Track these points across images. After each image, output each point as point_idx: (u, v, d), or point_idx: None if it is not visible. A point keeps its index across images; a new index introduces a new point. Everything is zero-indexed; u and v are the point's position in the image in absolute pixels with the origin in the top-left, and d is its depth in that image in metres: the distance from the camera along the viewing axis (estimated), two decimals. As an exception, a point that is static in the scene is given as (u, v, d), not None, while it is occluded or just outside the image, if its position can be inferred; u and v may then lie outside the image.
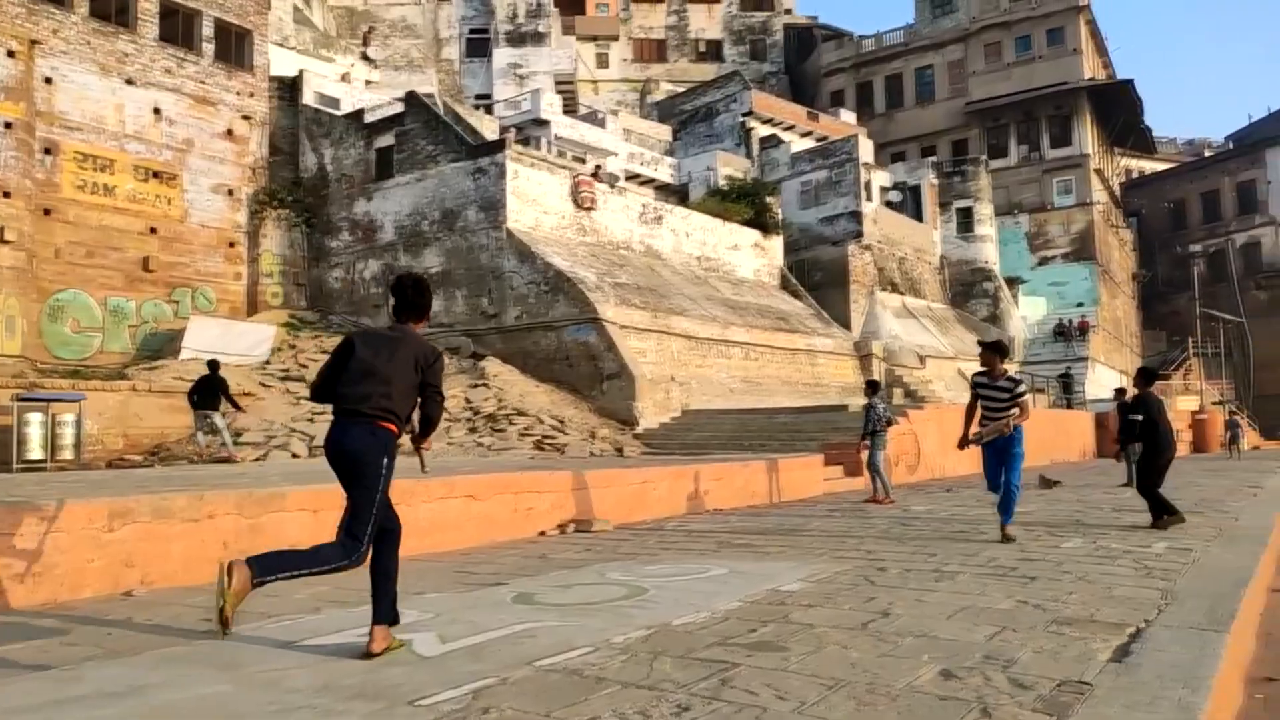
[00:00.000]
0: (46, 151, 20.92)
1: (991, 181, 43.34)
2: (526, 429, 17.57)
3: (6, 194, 19.65)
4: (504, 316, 22.11)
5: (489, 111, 32.67)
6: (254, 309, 24.54)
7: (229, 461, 14.05)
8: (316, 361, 19.99)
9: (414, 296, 4.23)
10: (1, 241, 19.45)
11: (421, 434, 4.22)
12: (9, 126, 19.87)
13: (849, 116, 44.94)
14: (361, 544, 3.89)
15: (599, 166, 29.02)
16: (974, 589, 5.42)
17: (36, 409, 15.19)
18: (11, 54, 20.14)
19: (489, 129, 26.79)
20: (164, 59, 23.39)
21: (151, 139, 22.98)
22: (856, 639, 4.15)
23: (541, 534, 8.59)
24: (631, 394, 19.62)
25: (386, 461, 3.96)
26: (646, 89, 48.04)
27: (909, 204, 39.72)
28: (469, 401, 18.46)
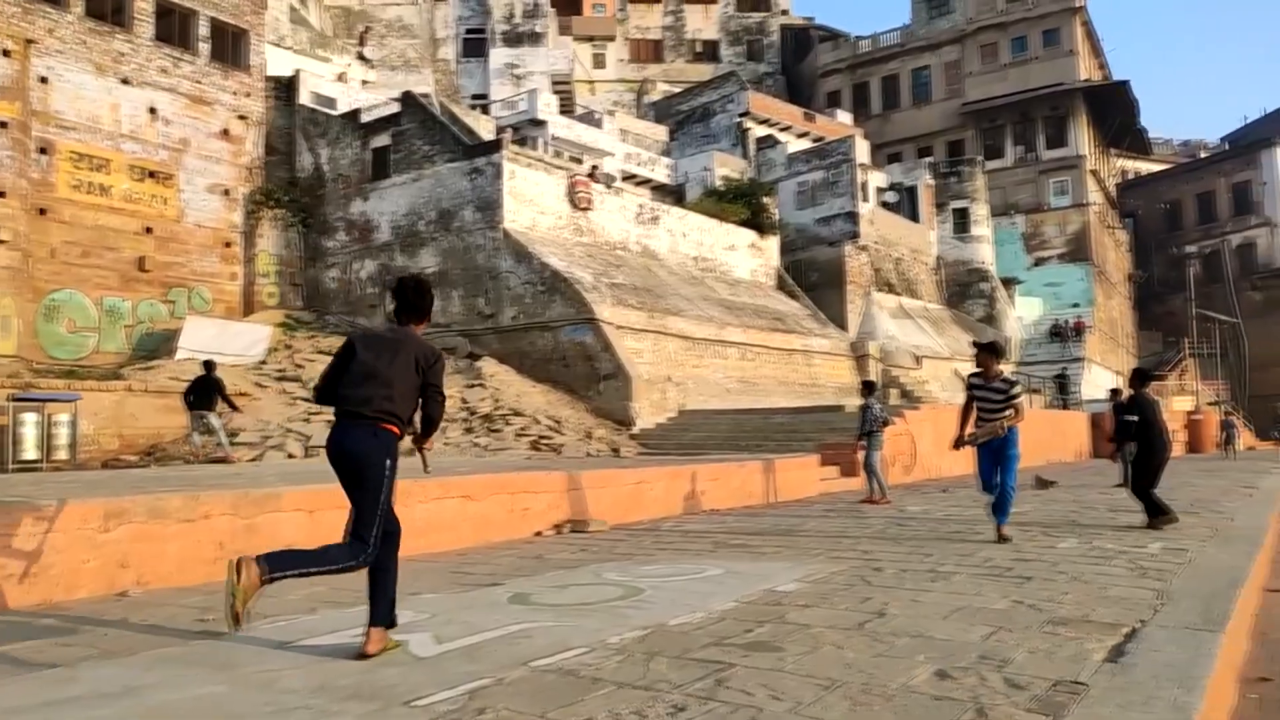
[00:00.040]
0: (42, 151, 20.86)
1: (987, 182, 43.32)
2: (523, 429, 17.56)
3: (1, 194, 19.59)
4: (500, 317, 22.09)
5: (485, 112, 32.60)
6: (250, 309, 24.48)
7: (225, 462, 14.03)
8: (312, 361, 19.96)
9: (415, 298, 4.25)
10: (-3, 241, 19.44)
11: (423, 434, 4.23)
12: (4, 126, 19.80)
13: (845, 117, 44.97)
14: (369, 545, 3.91)
15: (595, 167, 28.99)
16: (969, 589, 5.43)
17: (31, 409, 15.15)
18: (7, 53, 20.09)
19: (485, 129, 26.74)
20: (160, 58, 23.34)
21: (147, 139, 22.93)
22: (852, 639, 4.16)
23: (537, 534, 8.58)
24: (628, 394, 19.61)
25: (389, 463, 3.98)
26: (643, 89, 48.07)
27: (905, 205, 39.71)
28: (465, 401, 18.43)
